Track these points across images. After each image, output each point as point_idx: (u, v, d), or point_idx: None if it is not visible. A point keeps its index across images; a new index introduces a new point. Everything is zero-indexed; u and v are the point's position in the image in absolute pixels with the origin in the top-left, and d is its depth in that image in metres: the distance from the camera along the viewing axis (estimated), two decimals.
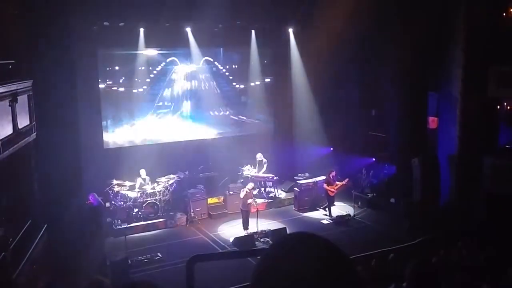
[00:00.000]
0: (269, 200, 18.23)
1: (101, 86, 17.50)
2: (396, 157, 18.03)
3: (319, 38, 17.30)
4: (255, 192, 17.46)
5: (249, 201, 15.56)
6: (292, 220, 16.95)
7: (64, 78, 13.90)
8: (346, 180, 17.25)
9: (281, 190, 18.98)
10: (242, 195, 15.57)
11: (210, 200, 17.57)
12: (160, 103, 18.63)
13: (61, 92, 13.71)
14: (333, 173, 17.07)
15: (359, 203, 17.86)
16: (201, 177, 18.19)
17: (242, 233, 15.31)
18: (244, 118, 20.28)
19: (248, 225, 15.52)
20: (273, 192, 18.54)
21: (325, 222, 16.73)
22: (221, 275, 11.03)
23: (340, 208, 17.46)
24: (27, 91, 11.38)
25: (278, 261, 1.28)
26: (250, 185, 15.97)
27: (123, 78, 17.98)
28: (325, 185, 17.21)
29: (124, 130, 18.14)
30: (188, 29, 17.91)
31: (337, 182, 17.09)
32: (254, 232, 15.20)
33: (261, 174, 18.30)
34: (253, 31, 19.19)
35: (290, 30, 19.64)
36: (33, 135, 11.69)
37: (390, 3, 16.72)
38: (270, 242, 14.66)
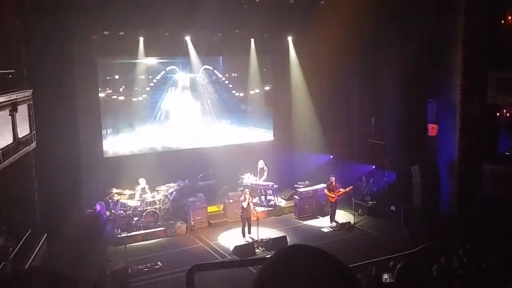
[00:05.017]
0: (269, 208, 18.19)
1: (101, 95, 17.50)
2: (396, 165, 18.01)
3: (319, 46, 17.36)
4: (255, 200, 17.46)
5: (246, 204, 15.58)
6: (293, 228, 16.91)
7: (64, 87, 13.97)
8: (350, 187, 17.23)
9: (281, 198, 18.95)
10: (245, 204, 15.55)
11: (210, 209, 17.54)
12: (160, 112, 18.64)
13: (61, 101, 13.76)
14: (333, 179, 17.04)
15: (359, 211, 17.82)
16: (200, 185, 18.17)
17: (242, 241, 15.29)
18: (244, 126, 20.28)
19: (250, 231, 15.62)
20: (273, 200, 18.50)
21: (325, 230, 16.69)
22: (222, 284, 11.00)
23: (341, 216, 17.42)
24: (27, 101, 11.41)
25: (278, 272, 1.28)
26: (247, 192, 15.98)
27: (123, 87, 18.00)
28: (325, 191, 17.20)
29: (124, 139, 18.13)
30: (188, 38, 17.95)
31: (341, 189, 17.06)
32: (254, 240, 15.20)
33: (261, 182, 18.27)
34: (252, 40, 19.23)
35: (289, 38, 19.68)
36: (33, 144, 11.71)
37: (389, 11, 16.78)
38: (271, 252, 14.63)
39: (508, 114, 16.77)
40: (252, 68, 19.82)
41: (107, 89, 17.80)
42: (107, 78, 17.87)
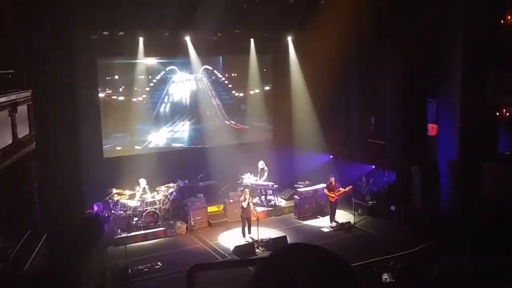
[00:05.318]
0: (269, 208, 18.19)
1: (101, 95, 17.51)
2: (396, 164, 18.01)
3: (318, 46, 17.34)
4: (255, 200, 17.46)
5: (246, 203, 15.56)
6: (293, 228, 16.91)
7: (63, 87, 13.95)
8: (350, 187, 17.23)
9: (281, 198, 18.95)
10: (245, 204, 15.53)
11: (210, 209, 17.55)
12: (160, 112, 18.63)
13: (60, 102, 13.76)
14: (332, 179, 17.04)
15: (359, 211, 17.82)
16: (200, 185, 18.17)
17: (242, 241, 15.29)
18: (244, 126, 20.28)
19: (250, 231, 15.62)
20: (273, 200, 18.50)
21: (325, 230, 16.68)
22: (222, 284, 10.99)
23: (341, 216, 17.42)
24: (27, 101, 11.40)
25: (276, 270, 1.27)
26: (247, 192, 15.97)
27: (123, 87, 18.00)
28: (325, 191, 17.20)
29: (124, 139, 18.13)
30: (188, 38, 17.95)
31: (340, 189, 17.06)
32: (254, 240, 15.20)
33: (261, 182, 18.27)
34: (252, 39, 19.23)
35: (289, 38, 19.68)
36: (33, 145, 11.70)
37: (389, 11, 16.77)
38: (270, 251, 14.63)
39: (508, 114, 16.73)
40: (252, 68, 19.81)
41: (107, 89, 17.81)
42: (107, 78, 17.87)
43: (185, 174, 18.09)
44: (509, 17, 15.96)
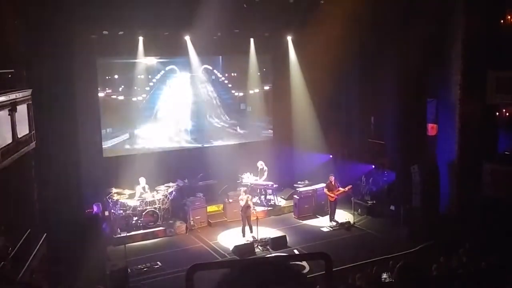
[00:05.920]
0: (269, 208, 18.20)
1: (101, 94, 17.50)
2: (396, 164, 18.00)
3: (318, 46, 17.34)
4: (255, 199, 17.45)
5: (243, 202, 15.56)
6: (292, 227, 16.91)
7: (63, 87, 13.95)
8: (349, 187, 17.23)
9: (281, 197, 18.95)
10: (243, 203, 15.56)
11: (210, 208, 17.56)
12: (159, 111, 18.63)
13: (60, 101, 13.76)
14: (332, 178, 17.04)
15: (359, 210, 17.83)
16: (200, 185, 18.16)
17: (242, 241, 15.29)
18: (243, 125, 20.27)
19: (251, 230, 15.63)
20: (272, 200, 18.50)
21: (325, 229, 16.69)
22: None
23: (340, 216, 17.42)
24: (27, 100, 11.41)
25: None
26: (242, 190, 15.99)
27: (123, 86, 17.99)
28: (325, 190, 17.21)
29: (124, 139, 18.13)
30: (187, 38, 17.95)
31: (340, 188, 17.06)
32: (254, 240, 15.20)
33: (261, 181, 18.28)
34: (252, 39, 19.24)
35: (289, 38, 19.68)
36: (33, 144, 11.70)
37: (389, 11, 16.77)
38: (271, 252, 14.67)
39: (507, 114, 16.75)
40: (252, 68, 19.81)
41: (107, 88, 17.79)
42: (107, 77, 17.85)
43: (185, 173, 18.09)
44: (509, 17, 15.97)
